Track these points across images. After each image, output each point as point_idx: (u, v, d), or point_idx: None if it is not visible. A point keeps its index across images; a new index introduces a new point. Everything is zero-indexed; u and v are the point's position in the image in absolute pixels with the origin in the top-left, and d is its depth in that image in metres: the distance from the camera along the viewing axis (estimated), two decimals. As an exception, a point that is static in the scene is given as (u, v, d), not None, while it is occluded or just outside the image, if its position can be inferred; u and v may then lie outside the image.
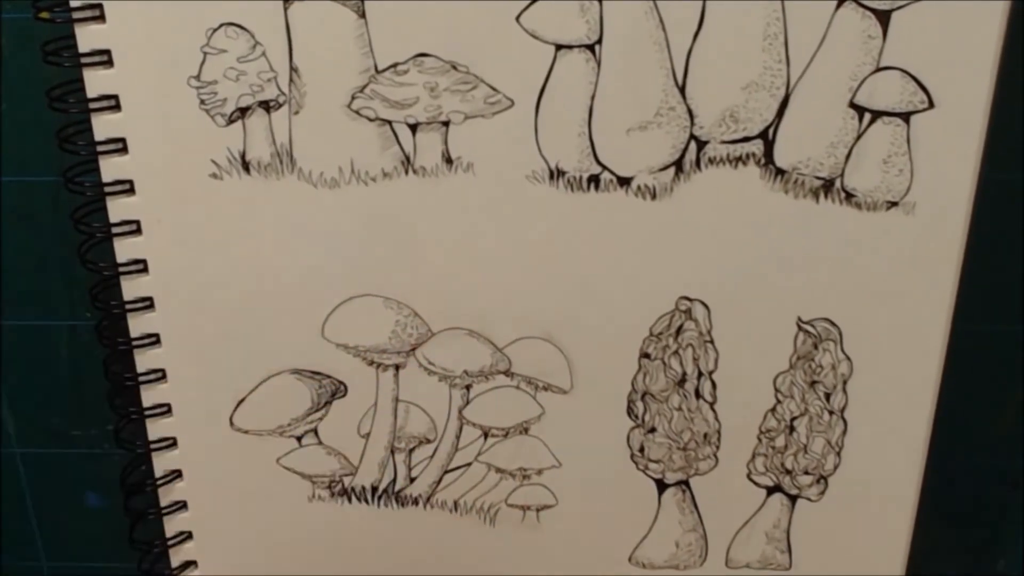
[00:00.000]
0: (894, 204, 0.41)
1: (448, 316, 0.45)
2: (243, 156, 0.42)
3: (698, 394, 0.45)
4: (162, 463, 0.48)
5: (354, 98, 0.41)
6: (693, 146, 0.41)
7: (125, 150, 0.42)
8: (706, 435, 0.46)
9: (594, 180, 0.42)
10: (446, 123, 0.41)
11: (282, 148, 0.42)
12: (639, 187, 0.42)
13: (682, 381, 0.45)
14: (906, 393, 0.44)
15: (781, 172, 0.41)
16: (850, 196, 0.41)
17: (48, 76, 0.42)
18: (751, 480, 0.47)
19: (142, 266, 0.44)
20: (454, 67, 0.40)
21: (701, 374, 0.45)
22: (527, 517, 0.49)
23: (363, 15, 0.40)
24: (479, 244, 0.43)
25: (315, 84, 0.41)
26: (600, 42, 0.40)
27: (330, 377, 0.46)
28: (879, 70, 0.39)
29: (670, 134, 0.41)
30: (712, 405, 0.46)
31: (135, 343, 0.46)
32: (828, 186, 0.41)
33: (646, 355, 0.45)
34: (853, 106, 0.40)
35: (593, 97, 0.41)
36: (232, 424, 0.47)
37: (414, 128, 0.42)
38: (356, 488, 0.49)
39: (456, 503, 0.49)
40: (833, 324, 0.44)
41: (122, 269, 0.44)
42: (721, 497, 0.47)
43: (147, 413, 0.47)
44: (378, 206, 0.43)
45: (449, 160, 0.42)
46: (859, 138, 0.40)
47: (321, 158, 0.42)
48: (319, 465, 0.48)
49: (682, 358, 0.45)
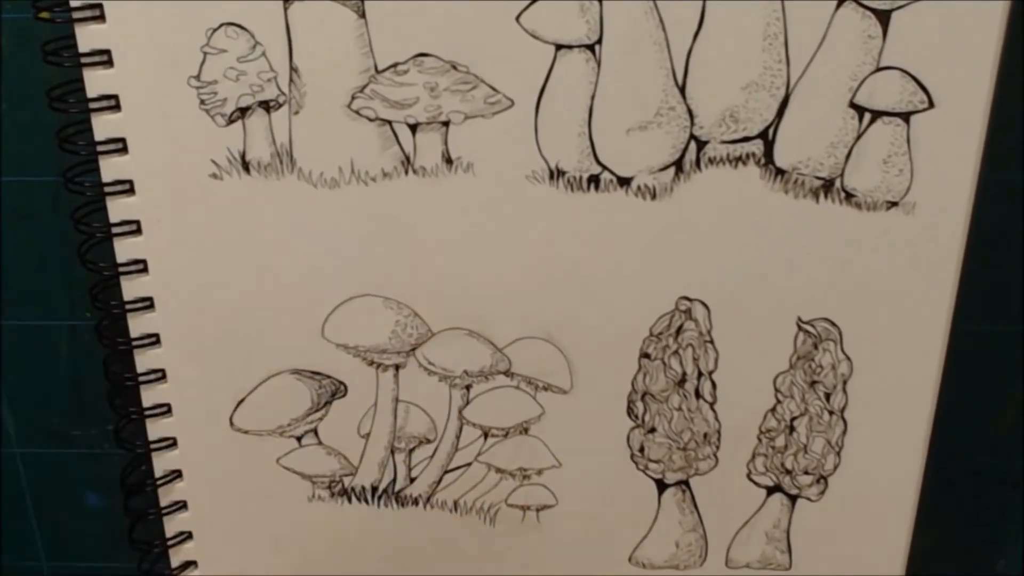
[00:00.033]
0: (894, 204, 0.41)
1: (448, 316, 0.45)
2: (243, 156, 0.42)
3: (698, 394, 0.45)
4: (162, 463, 0.48)
5: (354, 98, 0.41)
6: (693, 146, 0.41)
7: (125, 150, 0.42)
8: (706, 435, 0.46)
9: (594, 180, 0.42)
10: (446, 123, 0.41)
11: (282, 148, 0.42)
12: (639, 187, 0.42)
13: (682, 381, 0.45)
14: (906, 393, 0.44)
15: (781, 172, 0.41)
16: (850, 196, 0.41)
17: (48, 76, 0.42)
18: (751, 480, 0.47)
19: (142, 266, 0.44)
20: (454, 67, 0.40)
21: (701, 374, 0.45)
22: (527, 517, 0.49)
23: (363, 15, 0.40)
24: (479, 244, 0.43)
25: (315, 84, 0.41)
26: (600, 42, 0.40)
27: (330, 377, 0.46)
28: (879, 70, 0.39)
29: (670, 134, 0.41)
30: (712, 405, 0.46)
31: (135, 343, 0.46)
32: (828, 186, 0.41)
33: (646, 355, 0.45)
34: (853, 106, 0.40)
35: (593, 97, 0.41)
36: (232, 424, 0.47)
37: (414, 128, 0.42)
38: (356, 488, 0.49)
39: (456, 503, 0.49)
40: (833, 324, 0.44)
41: (122, 269, 0.44)
42: (721, 497, 0.47)
43: (147, 413, 0.47)
44: (378, 206, 0.43)
45: (449, 160, 0.42)
46: (859, 138, 0.40)
47: (321, 158, 0.42)
48: (319, 465, 0.48)
49: (682, 358, 0.45)
